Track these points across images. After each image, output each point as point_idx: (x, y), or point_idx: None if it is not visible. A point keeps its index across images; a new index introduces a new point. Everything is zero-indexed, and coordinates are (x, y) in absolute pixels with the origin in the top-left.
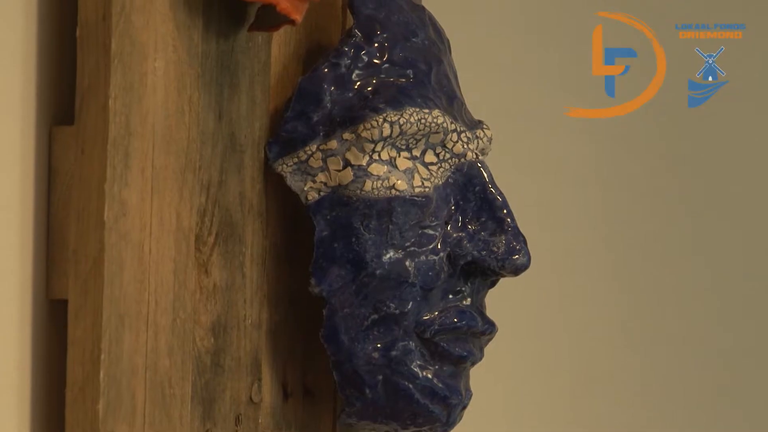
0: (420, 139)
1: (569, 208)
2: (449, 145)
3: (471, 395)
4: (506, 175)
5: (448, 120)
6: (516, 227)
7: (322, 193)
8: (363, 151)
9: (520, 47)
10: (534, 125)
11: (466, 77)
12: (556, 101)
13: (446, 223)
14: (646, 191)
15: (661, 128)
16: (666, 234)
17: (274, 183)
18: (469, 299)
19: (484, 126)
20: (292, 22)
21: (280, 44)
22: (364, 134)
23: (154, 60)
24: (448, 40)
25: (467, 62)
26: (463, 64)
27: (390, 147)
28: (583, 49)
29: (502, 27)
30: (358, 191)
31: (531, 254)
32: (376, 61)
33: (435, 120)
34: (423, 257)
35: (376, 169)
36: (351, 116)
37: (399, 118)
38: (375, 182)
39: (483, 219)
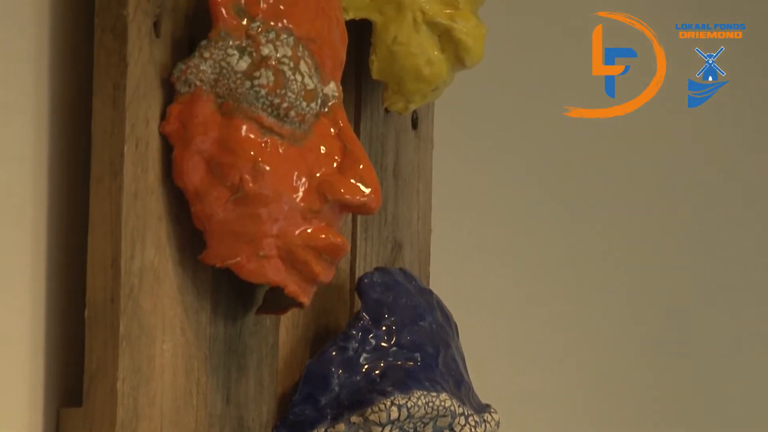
0: (428, 423)
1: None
2: (457, 429)
3: None
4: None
5: (455, 403)
6: None
7: None
8: None
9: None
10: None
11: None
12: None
13: None
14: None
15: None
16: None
17: None
18: None
19: (492, 410)
20: (300, 305)
21: (287, 327)
22: (371, 417)
23: (162, 342)
24: (455, 324)
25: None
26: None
27: (398, 430)
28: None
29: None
30: None
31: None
32: (383, 344)
33: (443, 403)
34: None
35: None
36: (359, 399)
37: (407, 401)
38: None
39: None
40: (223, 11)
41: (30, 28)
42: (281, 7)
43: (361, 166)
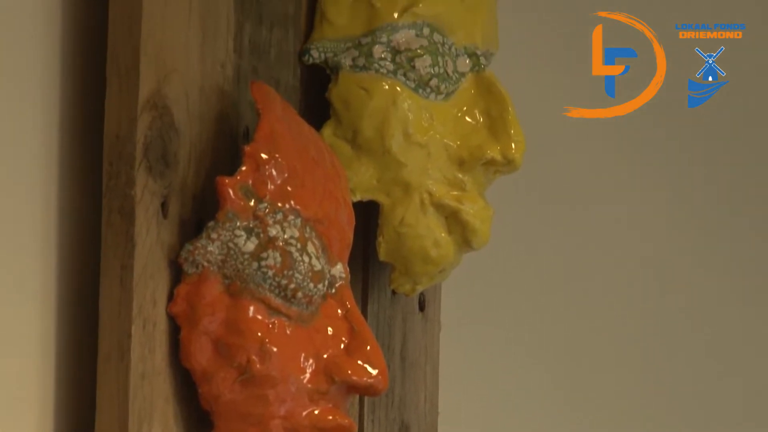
0: None
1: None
2: None
3: None
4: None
5: None
6: None
7: None
8: None
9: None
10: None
11: None
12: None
13: None
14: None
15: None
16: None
17: None
18: None
19: None
20: None
21: None
22: None
23: None
24: None
25: None
26: None
27: None
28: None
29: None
30: None
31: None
32: None
33: None
34: None
35: None
36: None
37: None
38: None
39: None
40: (231, 192)
41: (38, 210)
42: (288, 188)
43: (368, 348)
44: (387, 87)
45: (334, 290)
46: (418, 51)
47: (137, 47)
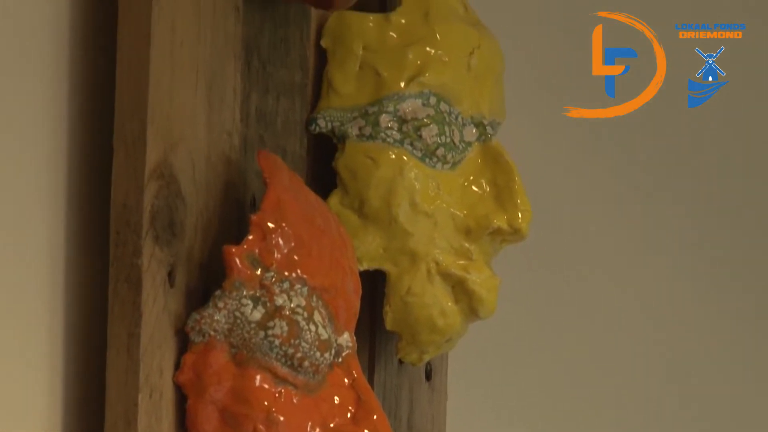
0: None
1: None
2: None
3: None
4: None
5: None
6: None
7: None
8: None
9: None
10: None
11: None
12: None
13: None
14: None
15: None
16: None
17: None
18: None
19: None
20: None
21: None
22: None
23: None
24: None
25: None
26: None
27: None
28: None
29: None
30: None
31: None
32: None
33: None
34: None
35: None
36: None
37: None
38: None
39: None
40: (237, 261)
41: (45, 278)
42: (295, 257)
43: (375, 417)
44: (394, 156)
45: (340, 359)
46: (425, 120)
47: (144, 117)
